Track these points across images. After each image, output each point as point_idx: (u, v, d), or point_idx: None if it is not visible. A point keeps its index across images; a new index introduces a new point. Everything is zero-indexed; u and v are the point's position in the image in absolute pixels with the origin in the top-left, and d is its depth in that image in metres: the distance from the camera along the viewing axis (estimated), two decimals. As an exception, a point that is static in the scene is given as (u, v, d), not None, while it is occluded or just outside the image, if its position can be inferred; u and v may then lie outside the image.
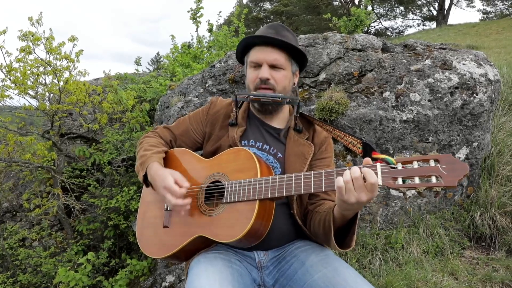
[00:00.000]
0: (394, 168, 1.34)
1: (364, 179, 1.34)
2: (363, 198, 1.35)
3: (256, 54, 1.84)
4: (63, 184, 5.37)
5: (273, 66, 1.81)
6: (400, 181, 1.31)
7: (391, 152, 3.61)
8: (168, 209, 1.82)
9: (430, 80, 3.64)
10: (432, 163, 1.29)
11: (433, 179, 1.27)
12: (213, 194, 1.75)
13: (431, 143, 3.60)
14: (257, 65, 1.83)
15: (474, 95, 3.56)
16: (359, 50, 4.06)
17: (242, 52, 1.95)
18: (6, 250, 5.35)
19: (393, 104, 3.62)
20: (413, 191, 3.60)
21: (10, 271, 5.27)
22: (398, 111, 3.59)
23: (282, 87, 1.83)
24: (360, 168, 1.37)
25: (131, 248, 5.54)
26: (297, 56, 1.89)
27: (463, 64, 3.73)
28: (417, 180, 1.29)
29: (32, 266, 5.17)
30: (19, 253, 5.21)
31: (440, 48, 4.07)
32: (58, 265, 4.92)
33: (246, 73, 1.92)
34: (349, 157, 3.66)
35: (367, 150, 1.56)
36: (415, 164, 1.31)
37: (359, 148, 1.61)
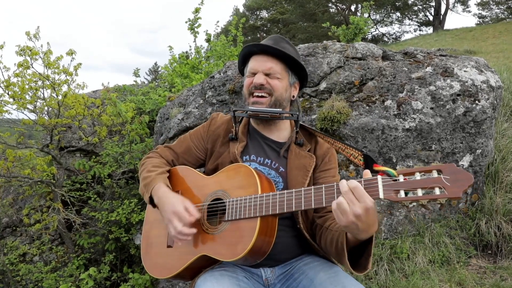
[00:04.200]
0: (396, 180, 1.29)
1: (351, 192, 1.30)
2: (357, 210, 1.27)
3: (253, 62, 1.84)
4: (63, 198, 5.33)
5: (268, 75, 1.80)
6: (402, 193, 1.26)
7: (394, 161, 3.58)
8: (169, 233, 1.79)
9: (432, 87, 3.62)
10: (434, 173, 1.24)
11: (437, 191, 1.22)
12: (216, 212, 1.72)
13: (434, 151, 3.57)
14: (253, 74, 1.82)
15: (477, 102, 3.54)
16: (359, 59, 4.04)
17: (243, 63, 1.95)
18: (6, 265, 5.31)
19: (395, 113, 3.60)
20: (415, 203, 3.56)
21: (11, 287, 5.22)
22: (400, 119, 3.57)
23: (279, 94, 1.81)
24: (360, 183, 1.32)
25: (133, 261, 5.49)
26: (296, 68, 1.88)
27: (464, 71, 3.71)
28: (420, 192, 1.24)
29: (33, 281, 5.12)
30: (20, 269, 5.16)
31: (441, 55, 4.05)
32: (60, 280, 4.87)
33: (244, 83, 1.91)
34: (352, 167, 3.63)
35: (369, 163, 1.53)
36: (417, 176, 1.26)
37: (360, 160, 1.58)
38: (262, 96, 1.80)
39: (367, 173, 1.37)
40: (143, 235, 1.95)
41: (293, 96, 1.91)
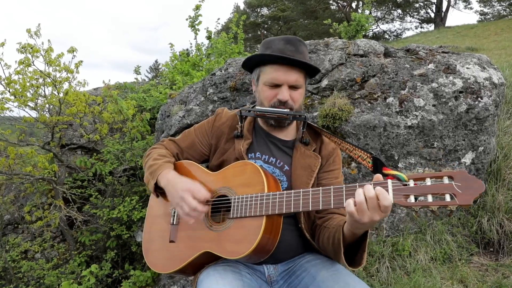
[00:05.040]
0: (406, 185, 1.29)
1: (377, 198, 1.29)
2: (376, 218, 1.30)
3: (276, 73, 1.75)
4: (64, 195, 5.33)
5: (292, 86, 1.76)
6: (412, 199, 1.26)
7: (396, 158, 3.57)
8: (175, 223, 1.79)
9: (434, 84, 3.61)
10: (446, 180, 1.23)
11: (447, 197, 1.21)
12: (220, 208, 1.72)
13: (437, 149, 3.56)
14: (276, 85, 1.76)
15: (479, 99, 3.53)
16: (361, 56, 4.03)
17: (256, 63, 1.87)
18: (8, 262, 5.31)
19: (397, 110, 3.59)
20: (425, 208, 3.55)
21: (13, 284, 5.23)
22: (403, 116, 3.56)
23: (299, 105, 1.79)
24: (372, 185, 1.32)
25: (134, 258, 5.49)
26: (311, 71, 1.84)
27: (467, 68, 3.70)
28: (430, 198, 1.23)
29: (35, 278, 5.13)
30: (22, 266, 5.17)
31: (443, 52, 4.04)
32: (61, 277, 4.87)
33: (257, 86, 1.84)
34: (353, 164, 3.63)
35: (378, 165, 1.52)
36: (428, 181, 1.25)
37: (369, 162, 1.56)
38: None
39: (378, 177, 1.36)
40: (145, 230, 1.95)
41: None
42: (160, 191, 1.81)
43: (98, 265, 4.65)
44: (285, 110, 1.75)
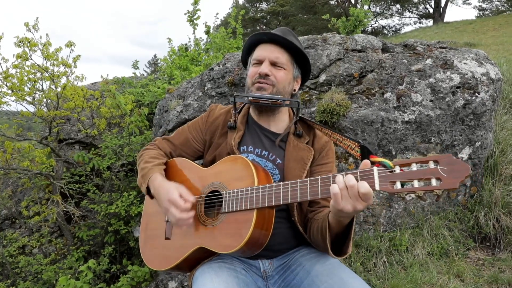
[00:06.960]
0: (392, 171, 1.28)
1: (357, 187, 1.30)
2: (359, 206, 1.30)
3: (259, 51, 1.84)
4: (62, 190, 5.32)
5: (274, 64, 1.80)
6: (398, 185, 1.25)
7: (394, 153, 3.57)
8: (169, 220, 1.80)
9: (432, 80, 3.61)
10: (431, 164, 1.22)
11: (433, 182, 1.20)
12: (213, 204, 1.73)
13: (434, 144, 3.57)
14: (259, 62, 1.82)
15: (476, 94, 3.53)
16: (359, 51, 4.03)
17: (247, 52, 1.94)
18: (6, 258, 5.31)
19: (395, 105, 3.59)
20: (412, 195, 3.56)
21: (10, 279, 5.23)
22: (400, 112, 3.56)
23: (282, 86, 1.80)
24: (358, 172, 1.33)
25: (132, 253, 5.50)
26: (300, 61, 1.88)
27: (464, 63, 3.70)
28: (416, 184, 1.22)
29: (32, 273, 5.13)
30: (19, 261, 5.16)
31: (441, 48, 4.04)
32: (59, 272, 4.87)
33: (248, 73, 1.90)
34: (351, 159, 3.63)
35: (365, 153, 1.53)
36: (414, 167, 1.25)
37: (357, 151, 1.58)
38: (266, 84, 1.79)
39: (366, 163, 1.36)
40: (142, 227, 1.96)
41: (294, 90, 1.91)
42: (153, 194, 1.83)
43: (96, 260, 4.66)
44: (279, 96, 1.78)
